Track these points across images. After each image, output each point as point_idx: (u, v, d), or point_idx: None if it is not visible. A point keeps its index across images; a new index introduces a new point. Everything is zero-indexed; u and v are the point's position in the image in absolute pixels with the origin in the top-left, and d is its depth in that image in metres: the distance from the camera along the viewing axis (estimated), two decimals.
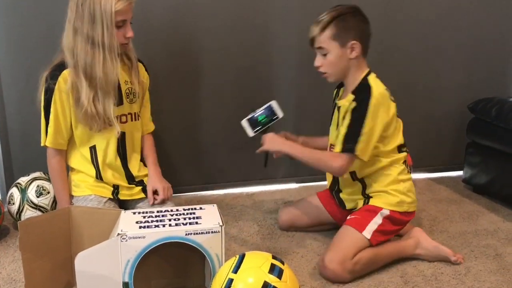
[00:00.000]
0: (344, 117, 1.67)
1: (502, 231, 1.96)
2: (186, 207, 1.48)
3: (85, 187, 1.77)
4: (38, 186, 1.90)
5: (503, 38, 2.51)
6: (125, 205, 1.82)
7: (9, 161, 2.13)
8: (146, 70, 1.89)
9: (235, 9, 2.20)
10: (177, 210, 1.47)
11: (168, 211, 1.47)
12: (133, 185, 1.82)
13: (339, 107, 1.73)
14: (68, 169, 1.83)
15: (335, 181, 1.83)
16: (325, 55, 1.65)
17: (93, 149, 1.77)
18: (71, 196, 1.79)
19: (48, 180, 1.92)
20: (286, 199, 2.29)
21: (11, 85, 2.06)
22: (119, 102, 1.78)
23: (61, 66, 1.68)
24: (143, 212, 1.46)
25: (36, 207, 1.88)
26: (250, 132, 1.77)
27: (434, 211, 2.15)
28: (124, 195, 1.80)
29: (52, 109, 1.70)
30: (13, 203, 1.89)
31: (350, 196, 1.80)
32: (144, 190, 1.81)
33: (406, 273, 1.66)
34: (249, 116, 1.78)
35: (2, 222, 1.91)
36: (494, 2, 2.46)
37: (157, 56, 2.15)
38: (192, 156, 2.35)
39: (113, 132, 1.76)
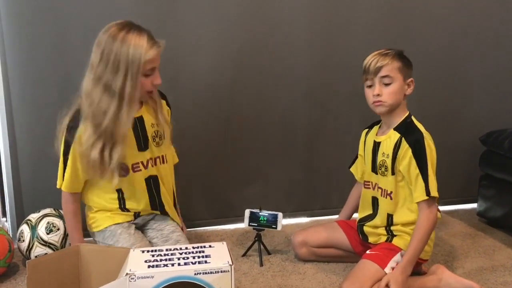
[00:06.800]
0: (387, 155, 1.73)
1: None
2: (196, 245, 1.46)
3: (105, 219, 1.78)
4: (48, 223, 1.90)
5: None
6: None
7: (20, 197, 2.14)
8: (168, 104, 1.87)
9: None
10: (186, 248, 1.45)
11: (177, 249, 1.45)
12: (157, 212, 1.84)
13: (378, 143, 1.79)
14: (85, 206, 1.83)
15: (372, 215, 1.84)
16: (387, 84, 1.70)
17: (120, 192, 1.76)
18: (93, 233, 1.80)
19: (59, 216, 1.92)
20: None
21: (23, 121, 2.09)
22: (144, 147, 1.75)
23: (79, 116, 1.65)
24: (152, 251, 1.44)
25: (46, 244, 1.87)
26: (246, 223, 2.02)
27: (448, 246, 2.10)
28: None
29: (70, 157, 1.67)
30: (23, 240, 1.89)
31: (374, 230, 1.83)
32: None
33: None
34: (254, 210, 2.02)
35: (12, 259, 1.90)
36: (506, 35, 2.47)
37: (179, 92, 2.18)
38: (202, 190, 2.34)
39: (137, 176, 1.74)
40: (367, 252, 1.75)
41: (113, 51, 1.56)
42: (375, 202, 1.83)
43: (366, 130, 1.91)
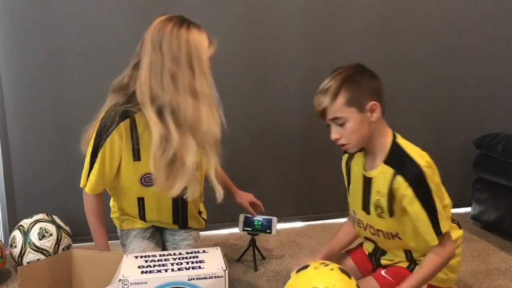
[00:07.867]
0: (383, 194, 1.42)
1: None
2: (189, 251, 1.46)
3: (124, 220, 1.69)
4: (40, 228, 1.88)
5: (507, 74, 2.52)
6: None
7: (12, 203, 2.12)
8: None
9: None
10: (180, 253, 1.44)
11: (170, 254, 1.44)
12: (176, 226, 1.71)
13: (369, 179, 1.46)
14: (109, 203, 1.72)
15: (378, 249, 1.58)
16: (342, 124, 1.40)
17: (141, 201, 1.63)
18: (121, 230, 1.69)
19: (51, 222, 1.91)
20: (291, 239, 2.26)
21: (16, 126, 2.07)
22: None
23: (123, 116, 1.48)
24: (145, 256, 1.43)
25: (39, 250, 1.86)
26: (240, 228, 2.01)
27: None
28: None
29: (99, 159, 1.50)
30: (15, 246, 1.87)
31: (392, 262, 1.55)
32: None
33: None
34: (249, 215, 1.99)
35: (4, 265, 1.88)
36: (500, 39, 2.49)
37: None
38: None
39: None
40: (382, 272, 1.50)
41: (183, 44, 1.43)
42: (375, 242, 1.56)
43: (346, 157, 1.57)
